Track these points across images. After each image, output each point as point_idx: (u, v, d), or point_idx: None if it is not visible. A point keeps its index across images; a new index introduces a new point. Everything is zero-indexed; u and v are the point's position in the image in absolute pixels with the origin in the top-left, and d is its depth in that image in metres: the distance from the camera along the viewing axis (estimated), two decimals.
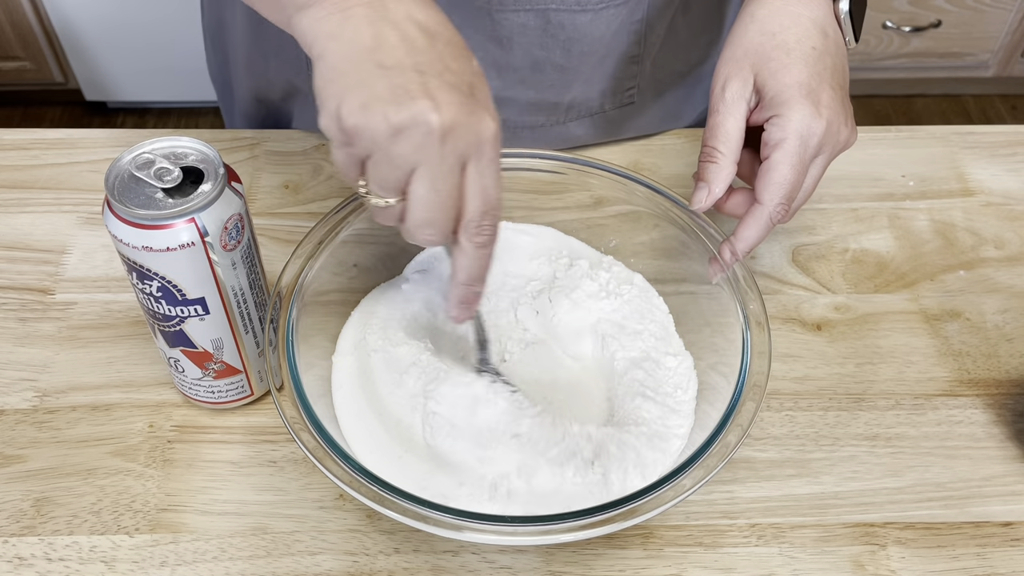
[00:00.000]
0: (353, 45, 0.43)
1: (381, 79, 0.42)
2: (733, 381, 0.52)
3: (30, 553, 0.54)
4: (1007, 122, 2.18)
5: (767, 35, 0.57)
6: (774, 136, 0.55)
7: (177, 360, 0.56)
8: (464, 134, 0.42)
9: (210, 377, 0.56)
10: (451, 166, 0.43)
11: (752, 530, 0.55)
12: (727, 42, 0.59)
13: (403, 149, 0.42)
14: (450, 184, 0.43)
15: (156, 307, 0.52)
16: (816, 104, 0.54)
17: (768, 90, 0.55)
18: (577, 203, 0.65)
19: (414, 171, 0.43)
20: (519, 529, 0.46)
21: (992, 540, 0.55)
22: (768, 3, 0.58)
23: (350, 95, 0.42)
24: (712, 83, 0.58)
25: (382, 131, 0.41)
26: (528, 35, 0.68)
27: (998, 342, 0.66)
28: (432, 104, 0.41)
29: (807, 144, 0.54)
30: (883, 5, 1.94)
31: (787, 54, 0.56)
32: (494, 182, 0.45)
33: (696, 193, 0.56)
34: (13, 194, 0.73)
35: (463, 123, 0.42)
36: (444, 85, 0.42)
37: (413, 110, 0.41)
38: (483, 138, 0.43)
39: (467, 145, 0.43)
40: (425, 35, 0.44)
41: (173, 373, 0.57)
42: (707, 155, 0.56)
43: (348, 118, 0.41)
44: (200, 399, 0.58)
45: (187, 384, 0.57)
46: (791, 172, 0.54)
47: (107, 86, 2.06)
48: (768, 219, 0.55)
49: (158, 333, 0.55)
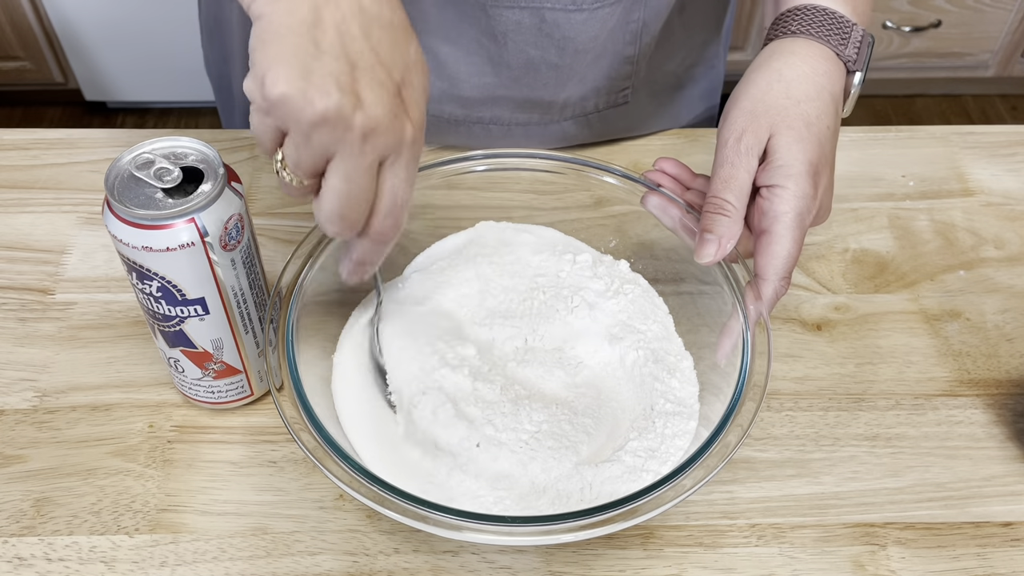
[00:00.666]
0: (292, 15, 0.42)
1: (314, 60, 0.42)
2: (733, 381, 0.52)
3: (30, 553, 0.54)
4: (1007, 122, 2.18)
5: (792, 101, 0.56)
6: (776, 208, 0.54)
7: (177, 360, 0.56)
8: (384, 136, 0.43)
9: (210, 377, 0.56)
10: (368, 164, 0.44)
11: (752, 530, 0.55)
12: (743, 92, 0.57)
13: (322, 138, 0.42)
14: (365, 181, 0.44)
15: (156, 307, 0.52)
16: (816, 186, 0.55)
17: (779, 158, 0.54)
18: (577, 203, 0.65)
19: (330, 161, 0.43)
20: (519, 529, 0.46)
21: (992, 540, 0.55)
22: (795, 66, 0.57)
23: (279, 65, 0.41)
24: (722, 130, 0.57)
25: (305, 114, 0.41)
26: (523, 33, 0.68)
27: (998, 342, 0.66)
28: (356, 102, 0.42)
29: (804, 220, 0.54)
30: (883, 5, 1.94)
31: (807, 127, 0.55)
32: (405, 182, 0.46)
33: (705, 246, 0.54)
34: (13, 194, 0.73)
35: (384, 126, 0.43)
36: (373, 82, 0.43)
37: (339, 104, 0.41)
38: (402, 141, 0.44)
39: (386, 146, 0.44)
40: (363, 18, 0.43)
41: (173, 373, 0.57)
42: (718, 207, 0.54)
43: (273, 88, 0.41)
44: (200, 399, 0.58)
45: (187, 384, 0.57)
46: (794, 246, 0.54)
47: (107, 86, 2.06)
48: (774, 295, 0.54)
49: (158, 333, 0.55)
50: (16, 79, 2.03)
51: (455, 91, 0.73)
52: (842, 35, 0.58)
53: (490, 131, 0.76)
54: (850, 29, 0.58)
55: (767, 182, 0.55)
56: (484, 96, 0.73)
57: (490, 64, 0.70)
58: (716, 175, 0.55)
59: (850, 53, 0.58)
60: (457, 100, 0.74)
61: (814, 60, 0.57)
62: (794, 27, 0.59)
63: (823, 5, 0.59)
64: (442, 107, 0.74)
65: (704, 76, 0.83)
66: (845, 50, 0.58)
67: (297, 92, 0.41)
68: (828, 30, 0.58)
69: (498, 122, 0.75)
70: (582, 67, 0.72)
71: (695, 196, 0.60)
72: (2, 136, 0.78)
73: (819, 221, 0.58)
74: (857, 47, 0.58)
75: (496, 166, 0.64)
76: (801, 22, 0.58)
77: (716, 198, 0.55)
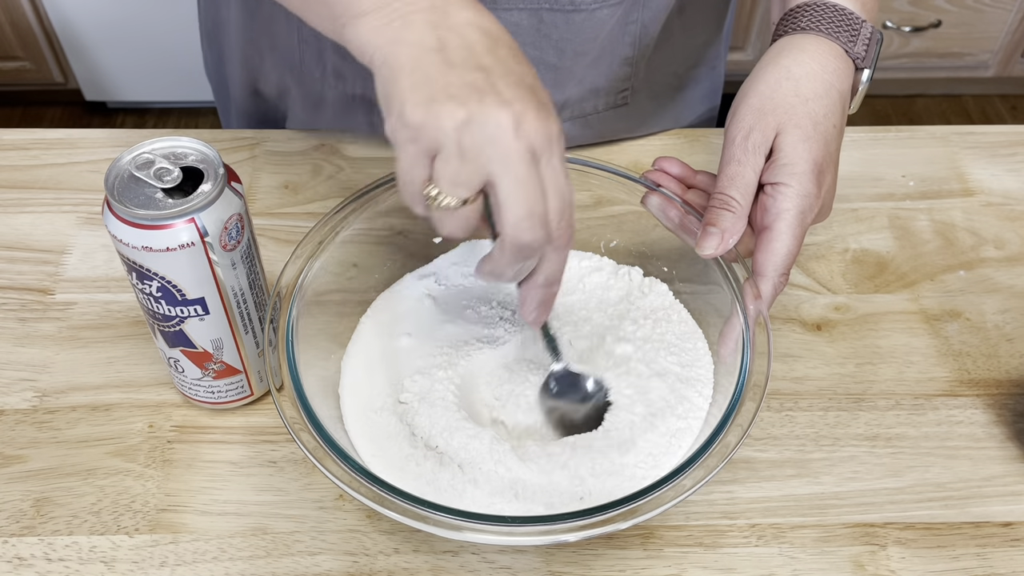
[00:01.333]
0: (417, 47, 0.42)
1: (447, 75, 0.41)
2: (733, 381, 0.52)
3: (30, 553, 0.54)
4: (1007, 122, 2.18)
5: (800, 99, 0.55)
6: (779, 205, 0.54)
7: (177, 360, 0.56)
8: (534, 128, 0.42)
9: (210, 377, 0.56)
10: (527, 160, 0.42)
11: (752, 530, 0.55)
12: (752, 88, 0.57)
13: (474, 140, 0.41)
14: (533, 175, 0.42)
15: (156, 307, 0.52)
16: (819, 185, 0.55)
17: (784, 156, 0.54)
18: (577, 203, 0.65)
19: (490, 171, 0.42)
20: (519, 529, 0.46)
21: (992, 540, 0.55)
22: (804, 64, 0.57)
23: (415, 92, 0.41)
24: (730, 127, 0.57)
25: (451, 123, 0.41)
26: (521, 34, 0.68)
27: (998, 342, 0.66)
28: (500, 99, 0.41)
29: (805, 219, 0.54)
30: (883, 5, 1.94)
31: (814, 127, 0.55)
32: (566, 179, 0.44)
33: (708, 239, 0.54)
34: (13, 194, 0.73)
35: (532, 117, 0.42)
36: (510, 83, 0.42)
37: (483, 102, 0.41)
38: (551, 133, 0.43)
39: (538, 139, 0.42)
40: (487, 38, 0.44)
41: (173, 373, 0.57)
42: (724, 203, 0.54)
43: (414, 113, 0.41)
44: (199, 399, 0.58)
45: (187, 384, 0.57)
46: (795, 244, 0.54)
47: (107, 86, 2.06)
48: (773, 292, 0.54)
49: (158, 333, 0.55)
50: (16, 79, 2.03)
51: None
52: (851, 32, 0.58)
53: None
54: (859, 26, 0.58)
55: (771, 179, 0.55)
56: None
57: None
58: (723, 172, 0.55)
59: (859, 50, 0.58)
60: None
61: (823, 57, 0.57)
62: (804, 23, 0.58)
63: (832, 1, 0.59)
64: None
65: (705, 77, 0.83)
66: (854, 47, 0.58)
67: (439, 105, 0.41)
68: (838, 27, 0.58)
69: None
70: (581, 68, 0.72)
71: (696, 196, 0.59)
72: (2, 136, 0.78)
73: (820, 219, 0.58)
74: (866, 44, 0.58)
75: None
76: (811, 18, 0.58)
77: (721, 194, 0.55)
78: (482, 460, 0.53)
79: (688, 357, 0.59)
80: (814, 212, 0.55)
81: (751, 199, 0.55)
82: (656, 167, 0.61)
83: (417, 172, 0.43)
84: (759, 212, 0.55)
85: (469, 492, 0.51)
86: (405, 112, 0.41)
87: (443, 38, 0.43)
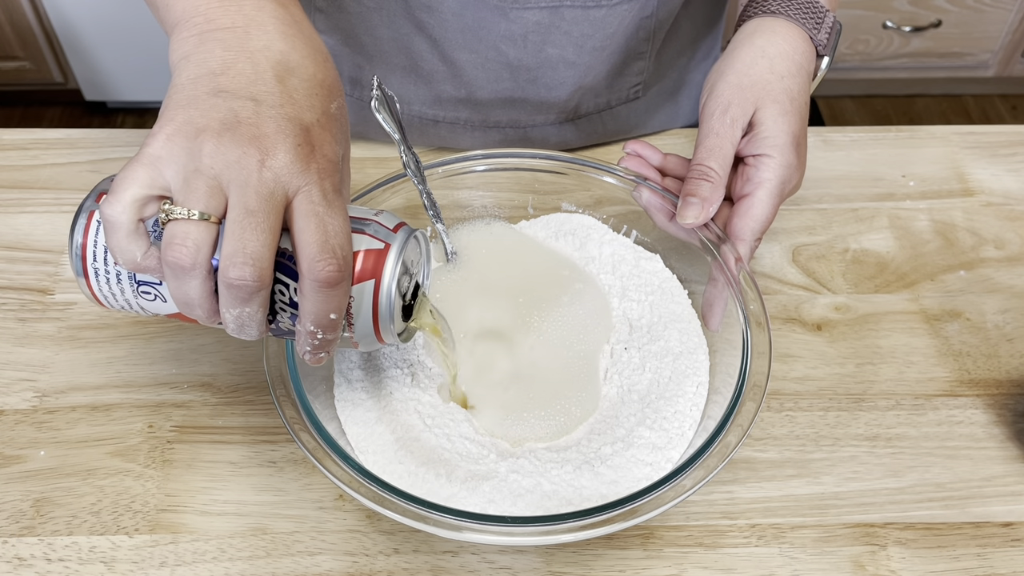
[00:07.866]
0: (201, 68, 0.42)
1: (210, 100, 0.41)
2: (733, 381, 0.52)
3: (30, 553, 0.53)
4: (1007, 122, 2.18)
5: (776, 76, 0.59)
6: (760, 175, 0.57)
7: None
8: (283, 164, 0.40)
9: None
10: (265, 194, 0.40)
11: (752, 530, 0.55)
12: (728, 66, 0.60)
13: (214, 164, 0.40)
14: (269, 209, 0.40)
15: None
16: (799, 156, 0.58)
17: (765, 129, 0.58)
18: (577, 203, 0.65)
19: (228, 192, 0.40)
20: (519, 529, 0.46)
21: (992, 540, 0.55)
22: (777, 44, 0.60)
23: (174, 116, 0.41)
24: (708, 102, 0.59)
25: (193, 149, 0.40)
26: (541, 32, 0.69)
27: (998, 342, 0.66)
28: (255, 132, 0.40)
29: (784, 189, 0.58)
30: (883, 5, 1.94)
31: (791, 102, 0.58)
32: (335, 214, 0.41)
33: (688, 208, 0.57)
34: (13, 194, 0.73)
35: (284, 153, 0.40)
36: (278, 116, 0.41)
37: (235, 133, 0.40)
38: (309, 173, 0.41)
39: (287, 176, 0.40)
40: (278, 68, 0.43)
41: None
42: (703, 174, 0.57)
43: (156, 142, 0.40)
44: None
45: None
46: (772, 211, 0.58)
47: (107, 86, 2.06)
48: (748, 255, 0.57)
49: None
50: (16, 79, 2.03)
51: (473, 97, 0.73)
52: (816, 19, 0.61)
53: (507, 134, 0.76)
54: (823, 15, 0.62)
55: (753, 151, 0.58)
56: (501, 99, 0.73)
57: (508, 69, 0.71)
58: (701, 144, 0.58)
59: (822, 37, 0.61)
60: (474, 106, 0.74)
61: (793, 40, 0.60)
62: (773, 7, 0.61)
63: None
64: (459, 114, 0.75)
65: (706, 72, 0.83)
66: (818, 34, 0.61)
67: (184, 135, 0.40)
68: (805, 13, 0.61)
69: (515, 125, 0.76)
70: (598, 64, 0.72)
71: (672, 183, 0.62)
72: (2, 136, 0.78)
73: (792, 192, 0.61)
74: (828, 33, 0.62)
75: (496, 166, 0.64)
76: (780, 2, 0.61)
77: (701, 165, 0.57)
78: (481, 460, 0.52)
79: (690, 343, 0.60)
80: (792, 183, 0.59)
81: (728, 170, 0.58)
82: (626, 151, 0.64)
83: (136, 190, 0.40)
84: (739, 182, 0.59)
85: (469, 493, 0.51)
86: (156, 136, 0.40)
87: (229, 62, 0.42)
